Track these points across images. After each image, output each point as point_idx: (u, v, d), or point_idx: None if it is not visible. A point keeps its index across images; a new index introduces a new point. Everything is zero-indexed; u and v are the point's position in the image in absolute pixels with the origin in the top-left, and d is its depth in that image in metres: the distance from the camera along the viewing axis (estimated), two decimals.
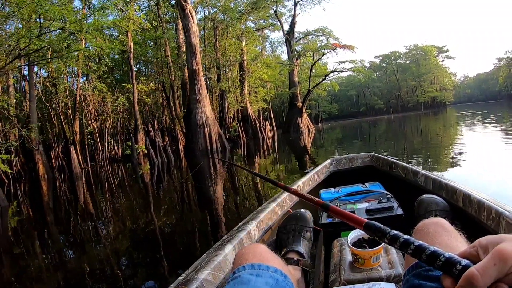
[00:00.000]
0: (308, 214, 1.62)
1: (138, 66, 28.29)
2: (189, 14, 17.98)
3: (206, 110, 18.19)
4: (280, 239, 1.54)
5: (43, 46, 11.66)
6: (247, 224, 1.56)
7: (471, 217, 1.48)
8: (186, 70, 20.87)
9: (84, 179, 12.84)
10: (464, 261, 0.48)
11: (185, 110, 20.48)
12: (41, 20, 12.64)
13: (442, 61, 73.31)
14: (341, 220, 0.74)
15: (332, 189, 2.35)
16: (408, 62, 72.55)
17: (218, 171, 10.02)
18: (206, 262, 1.20)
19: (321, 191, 2.36)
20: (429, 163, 7.03)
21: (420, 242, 0.54)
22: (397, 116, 51.88)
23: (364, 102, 75.68)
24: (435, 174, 2.02)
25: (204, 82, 19.60)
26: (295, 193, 1.06)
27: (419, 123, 26.30)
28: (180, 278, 1.16)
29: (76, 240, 4.57)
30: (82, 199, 8.33)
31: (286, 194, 2.03)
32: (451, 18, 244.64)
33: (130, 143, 17.82)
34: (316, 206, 0.86)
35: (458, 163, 6.68)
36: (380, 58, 75.79)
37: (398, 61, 74.01)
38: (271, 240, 1.65)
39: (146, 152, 16.95)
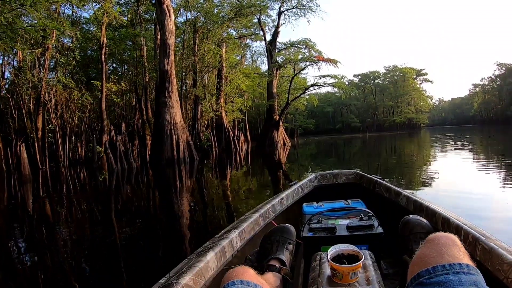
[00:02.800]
0: (292, 228, 1.65)
1: (114, 65, 27.72)
2: (166, 10, 17.05)
3: (176, 115, 17.04)
4: (264, 249, 1.56)
5: None
6: (229, 233, 1.59)
7: None
8: None
9: (40, 180, 12.26)
10: None
11: None
12: None
13: (420, 83, 75.62)
14: None
15: (315, 203, 2.38)
16: (386, 82, 74.43)
17: (185, 183, 9.67)
18: (187, 267, 1.20)
19: (304, 204, 2.38)
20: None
21: None
22: (372, 135, 52.52)
23: (341, 119, 76.87)
24: (417, 196, 2.06)
25: (177, 86, 18.56)
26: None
27: (394, 144, 26.23)
28: (161, 281, 1.15)
29: (21, 248, 4.22)
30: (30, 205, 7.54)
31: (269, 205, 2.11)
32: (430, 44, 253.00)
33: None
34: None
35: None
36: (359, 77, 77.35)
37: (376, 81, 75.87)
38: (253, 251, 1.64)
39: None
